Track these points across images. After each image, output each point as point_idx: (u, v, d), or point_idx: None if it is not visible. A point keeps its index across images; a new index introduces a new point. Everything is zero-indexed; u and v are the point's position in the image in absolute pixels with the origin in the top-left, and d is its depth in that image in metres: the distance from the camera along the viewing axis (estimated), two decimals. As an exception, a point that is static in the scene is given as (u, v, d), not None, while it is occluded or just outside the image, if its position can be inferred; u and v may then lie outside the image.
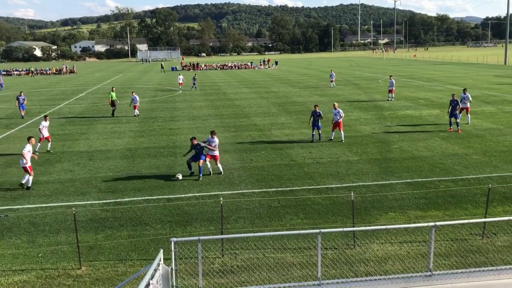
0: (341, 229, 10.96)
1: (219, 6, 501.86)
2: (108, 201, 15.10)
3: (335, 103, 23.46)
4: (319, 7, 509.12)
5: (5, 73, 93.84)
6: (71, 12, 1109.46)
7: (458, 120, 24.65)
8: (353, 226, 11.75)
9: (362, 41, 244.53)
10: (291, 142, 23.14)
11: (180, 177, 17.31)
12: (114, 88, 34.58)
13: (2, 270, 10.63)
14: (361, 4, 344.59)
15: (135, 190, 16.12)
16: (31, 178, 16.57)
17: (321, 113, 23.31)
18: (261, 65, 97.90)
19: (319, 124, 23.06)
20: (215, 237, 10.79)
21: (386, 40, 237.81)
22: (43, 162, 20.11)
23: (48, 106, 39.67)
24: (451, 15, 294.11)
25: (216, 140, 17.84)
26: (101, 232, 12.63)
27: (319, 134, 23.18)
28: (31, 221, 13.48)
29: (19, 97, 33.28)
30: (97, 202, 15.04)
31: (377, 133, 24.90)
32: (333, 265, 10.40)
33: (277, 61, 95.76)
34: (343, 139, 22.74)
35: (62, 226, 13.08)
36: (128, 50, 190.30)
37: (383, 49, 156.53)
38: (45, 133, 21.93)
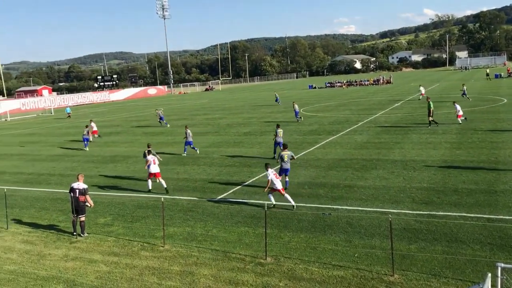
0: None
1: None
2: (422, 212, 14.82)
3: None
4: None
5: (329, 85, 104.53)
6: (390, 24, 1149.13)
7: None
8: None
9: None
10: None
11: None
12: (429, 98, 33.87)
13: (323, 262, 11.73)
14: None
15: (450, 205, 15.31)
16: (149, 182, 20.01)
17: None
18: None
19: None
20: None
21: None
22: (360, 168, 21.34)
23: (365, 115, 42.02)
24: None
25: None
26: (414, 243, 12.47)
27: None
28: (348, 222, 14.45)
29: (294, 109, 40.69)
30: (410, 212, 14.96)
31: None
32: None
33: None
34: None
35: (376, 231, 13.54)
36: (446, 58, 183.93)
37: None
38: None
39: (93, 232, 15.33)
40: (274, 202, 16.30)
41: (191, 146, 28.32)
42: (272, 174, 16.23)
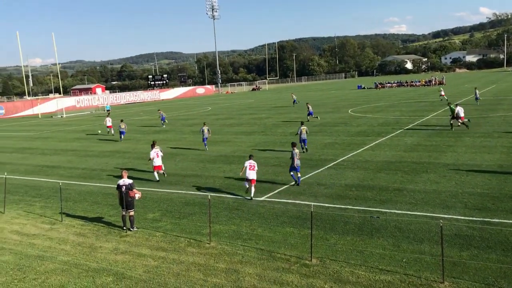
0: None
1: None
2: (475, 218, 14.25)
3: None
4: None
5: (379, 85, 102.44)
6: (443, 23, 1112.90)
7: None
8: None
9: None
10: None
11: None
12: (450, 103, 35.46)
13: (370, 266, 11.50)
14: None
15: (506, 212, 14.62)
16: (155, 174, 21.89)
17: None
18: None
19: None
20: None
21: None
22: (410, 171, 20.77)
23: (417, 116, 40.89)
24: None
25: None
26: (466, 250, 12.00)
27: None
28: (397, 226, 14.09)
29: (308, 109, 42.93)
30: (462, 217, 14.41)
31: None
32: None
33: None
34: None
35: (426, 236, 13.13)
36: (503, 58, 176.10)
37: None
38: None
39: (142, 227, 15.73)
40: (247, 187, 18.08)
41: (204, 142, 30.54)
42: (247, 164, 18.02)
